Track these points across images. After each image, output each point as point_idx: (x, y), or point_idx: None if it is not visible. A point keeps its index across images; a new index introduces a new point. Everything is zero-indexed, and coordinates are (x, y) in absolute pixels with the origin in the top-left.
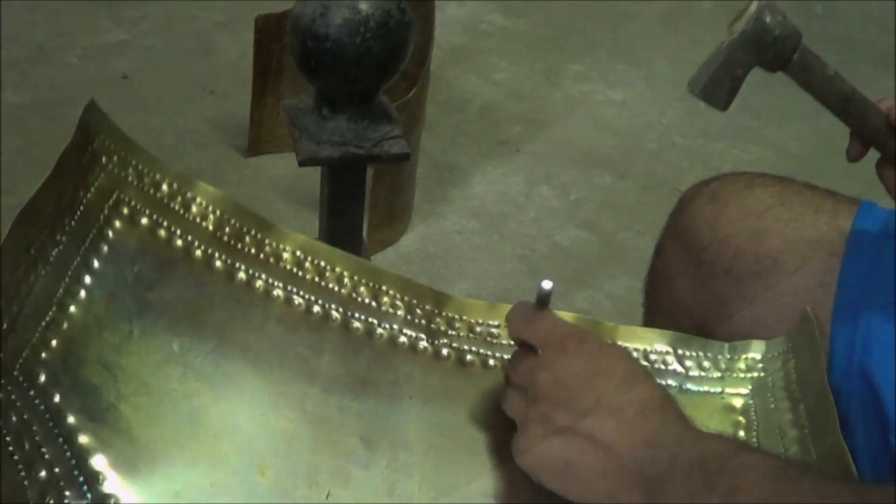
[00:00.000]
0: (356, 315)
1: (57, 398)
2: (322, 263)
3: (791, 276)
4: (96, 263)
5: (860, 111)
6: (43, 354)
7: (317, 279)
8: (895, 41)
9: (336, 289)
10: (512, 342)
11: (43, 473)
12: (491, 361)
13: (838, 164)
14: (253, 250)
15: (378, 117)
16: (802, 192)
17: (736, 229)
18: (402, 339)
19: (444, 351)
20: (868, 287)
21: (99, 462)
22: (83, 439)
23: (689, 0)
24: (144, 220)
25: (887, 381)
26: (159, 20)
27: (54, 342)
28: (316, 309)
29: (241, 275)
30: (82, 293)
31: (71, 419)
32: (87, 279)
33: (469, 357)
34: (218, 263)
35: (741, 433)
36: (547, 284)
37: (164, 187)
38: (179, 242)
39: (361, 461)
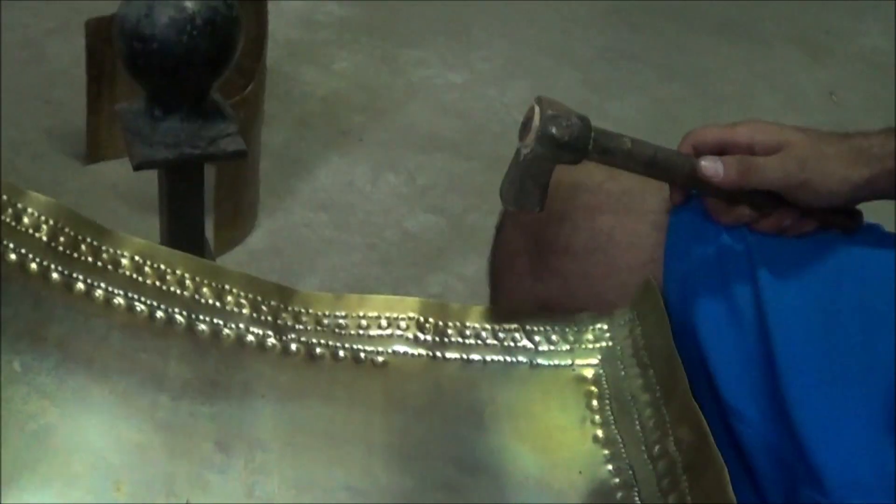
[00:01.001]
0: (201, 317)
1: None
2: (162, 267)
3: (625, 252)
4: None
5: (666, 167)
6: None
7: (158, 283)
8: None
9: (178, 292)
10: (361, 331)
11: None
12: (341, 353)
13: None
14: (90, 258)
15: (212, 116)
16: None
17: (571, 206)
18: (250, 337)
19: (293, 346)
20: (691, 260)
21: None
22: None
23: None
24: None
25: (718, 359)
26: None
27: None
28: (159, 314)
29: (80, 285)
30: None
31: None
32: None
33: (319, 350)
34: (55, 275)
35: (594, 402)
36: None
37: None
38: (13, 256)
39: (217, 466)
